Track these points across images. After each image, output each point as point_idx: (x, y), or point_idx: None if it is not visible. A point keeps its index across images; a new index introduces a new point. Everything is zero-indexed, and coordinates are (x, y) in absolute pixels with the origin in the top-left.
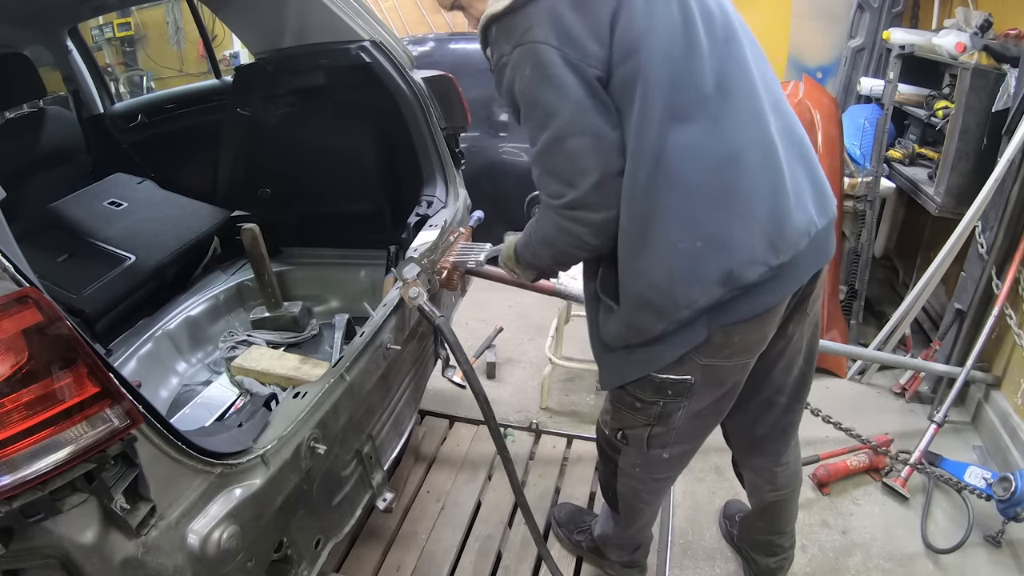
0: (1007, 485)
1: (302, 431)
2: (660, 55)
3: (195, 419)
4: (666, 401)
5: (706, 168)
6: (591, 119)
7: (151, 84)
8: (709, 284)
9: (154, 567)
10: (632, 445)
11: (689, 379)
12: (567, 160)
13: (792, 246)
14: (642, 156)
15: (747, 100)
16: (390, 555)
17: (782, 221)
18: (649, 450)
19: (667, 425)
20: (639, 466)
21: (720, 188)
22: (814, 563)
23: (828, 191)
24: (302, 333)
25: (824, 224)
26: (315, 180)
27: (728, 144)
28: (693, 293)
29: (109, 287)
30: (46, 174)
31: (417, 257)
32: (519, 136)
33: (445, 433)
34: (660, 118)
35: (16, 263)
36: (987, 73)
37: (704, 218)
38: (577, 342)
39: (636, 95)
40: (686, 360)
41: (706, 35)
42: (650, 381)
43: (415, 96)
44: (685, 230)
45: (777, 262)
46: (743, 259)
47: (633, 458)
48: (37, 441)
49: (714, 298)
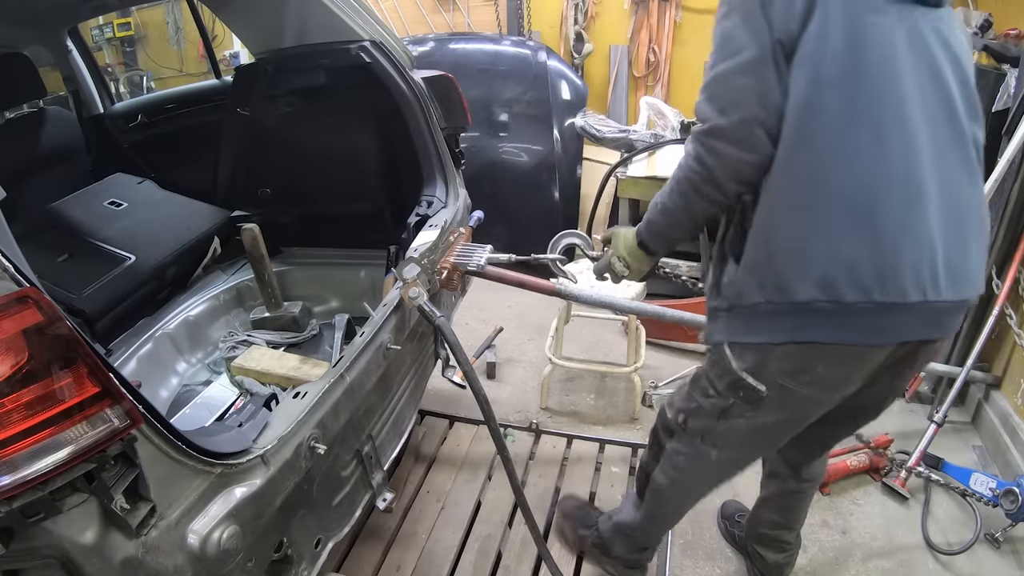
0: (1013, 498)
1: (302, 431)
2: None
3: (195, 419)
4: (736, 402)
5: (854, 177)
6: (767, 71)
7: (151, 84)
8: (809, 281)
9: (154, 567)
10: (688, 433)
11: (763, 391)
12: (729, 91)
13: (900, 293)
14: (803, 130)
15: (909, 139)
16: (390, 555)
17: (899, 265)
18: (702, 443)
19: (727, 425)
20: (684, 456)
21: (858, 201)
22: (814, 563)
23: (972, 273)
24: (302, 333)
25: (950, 298)
26: (315, 180)
27: (881, 168)
28: (794, 282)
29: (109, 287)
30: (46, 174)
31: (417, 257)
32: (519, 136)
33: (445, 433)
34: (832, 113)
35: (16, 263)
36: (987, 73)
37: (832, 223)
38: (577, 342)
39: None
40: (767, 370)
41: None
42: (730, 374)
43: (415, 96)
44: (814, 225)
45: (880, 299)
46: (847, 275)
47: (683, 446)
48: (37, 441)
49: (807, 297)
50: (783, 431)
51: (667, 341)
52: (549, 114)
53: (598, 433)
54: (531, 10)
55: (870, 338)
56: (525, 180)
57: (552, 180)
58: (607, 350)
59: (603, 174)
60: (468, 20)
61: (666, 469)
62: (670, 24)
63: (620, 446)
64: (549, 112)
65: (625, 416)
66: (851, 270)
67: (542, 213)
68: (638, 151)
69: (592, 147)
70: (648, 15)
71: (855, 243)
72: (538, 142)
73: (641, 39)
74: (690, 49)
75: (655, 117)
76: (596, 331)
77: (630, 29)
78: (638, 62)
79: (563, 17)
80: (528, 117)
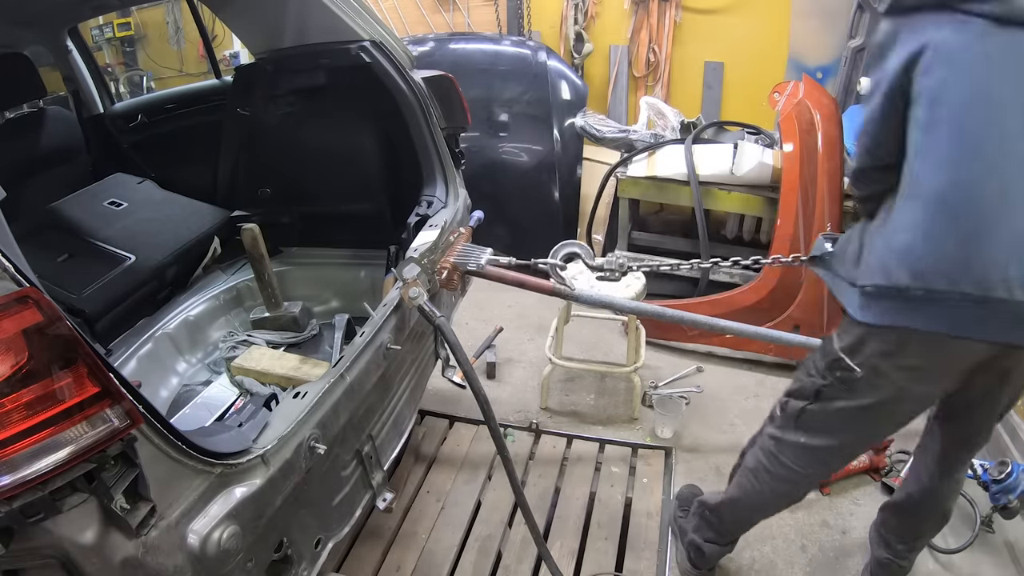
0: (1003, 468)
1: (302, 431)
2: None
3: (195, 419)
4: (832, 382)
5: (953, 181)
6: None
7: (151, 84)
8: (906, 269)
9: (154, 567)
10: (784, 414)
11: (857, 372)
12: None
13: (986, 287)
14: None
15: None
16: (390, 555)
17: (987, 260)
18: (794, 426)
19: (819, 407)
20: (775, 440)
21: (953, 201)
22: (814, 563)
23: None
24: (302, 333)
25: None
26: (315, 180)
27: (977, 172)
28: (895, 270)
29: (109, 287)
30: (46, 174)
31: (417, 257)
32: (519, 136)
33: (445, 433)
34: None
35: (16, 263)
36: None
37: (932, 219)
38: (577, 342)
39: None
40: (863, 350)
41: None
42: (830, 354)
43: (415, 96)
44: (917, 219)
45: (966, 290)
46: (939, 266)
47: (775, 429)
48: (37, 441)
49: (903, 283)
50: (870, 425)
51: (667, 341)
52: (549, 114)
53: (598, 433)
54: (531, 10)
55: (956, 329)
56: (525, 180)
57: (552, 180)
58: (607, 350)
59: (603, 174)
60: (468, 20)
61: (755, 452)
62: (670, 24)
63: (620, 446)
64: (549, 112)
65: (625, 416)
66: (942, 261)
67: (542, 213)
68: (638, 151)
69: (592, 147)
70: (648, 15)
71: (949, 238)
72: (538, 142)
73: (641, 39)
74: (690, 49)
75: (655, 117)
76: (596, 331)
77: (630, 29)
78: (638, 62)
79: (563, 17)
80: (528, 117)
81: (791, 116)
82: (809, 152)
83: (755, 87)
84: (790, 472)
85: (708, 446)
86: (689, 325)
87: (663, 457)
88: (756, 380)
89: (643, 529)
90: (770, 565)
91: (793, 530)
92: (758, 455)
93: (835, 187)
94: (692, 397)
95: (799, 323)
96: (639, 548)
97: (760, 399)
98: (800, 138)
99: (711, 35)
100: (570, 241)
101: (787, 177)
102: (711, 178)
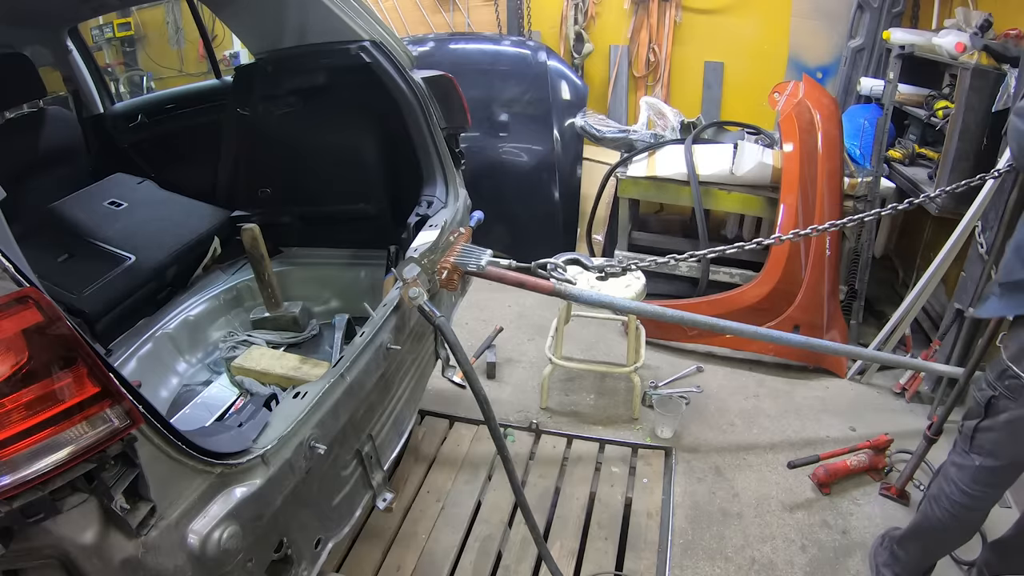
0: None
1: (302, 431)
2: None
3: (195, 419)
4: (1000, 393)
5: None
6: None
7: (151, 84)
8: None
9: (154, 567)
10: (962, 435)
11: (1022, 379)
12: None
13: None
14: None
15: None
16: (390, 555)
17: None
18: (971, 448)
19: (991, 423)
20: (956, 466)
21: None
22: (814, 563)
23: None
24: (302, 333)
25: None
26: (315, 180)
27: None
28: (1018, 263)
29: (109, 287)
30: (46, 174)
31: (417, 257)
32: (519, 136)
33: (445, 433)
34: None
35: (16, 263)
36: (987, 73)
37: None
38: (577, 342)
39: None
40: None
41: None
42: (999, 365)
43: (415, 96)
44: None
45: None
46: None
47: (956, 455)
48: (37, 441)
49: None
50: None
51: (667, 341)
52: (549, 114)
53: (598, 433)
54: (531, 10)
55: None
56: (525, 180)
57: (552, 180)
58: (607, 350)
59: (603, 174)
60: (468, 20)
61: (939, 480)
62: (670, 24)
63: (620, 446)
64: (549, 112)
65: (625, 416)
66: None
67: (542, 213)
68: (638, 151)
69: (592, 147)
70: (648, 15)
71: None
72: (538, 142)
73: (641, 39)
74: (690, 49)
75: (655, 117)
76: (596, 331)
77: (630, 29)
78: (638, 62)
79: (563, 17)
80: (528, 117)
81: (791, 116)
82: (809, 152)
83: (755, 87)
84: (963, 496)
85: (708, 446)
86: (689, 325)
87: (663, 457)
88: (756, 380)
89: (643, 529)
90: (770, 565)
91: (793, 530)
92: (940, 482)
93: (835, 187)
94: (692, 397)
95: (799, 323)
96: (639, 548)
97: (760, 399)
98: (800, 138)
99: (711, 35)
100: (568, 252)
101: (787, 177)
102: (711, 178)
